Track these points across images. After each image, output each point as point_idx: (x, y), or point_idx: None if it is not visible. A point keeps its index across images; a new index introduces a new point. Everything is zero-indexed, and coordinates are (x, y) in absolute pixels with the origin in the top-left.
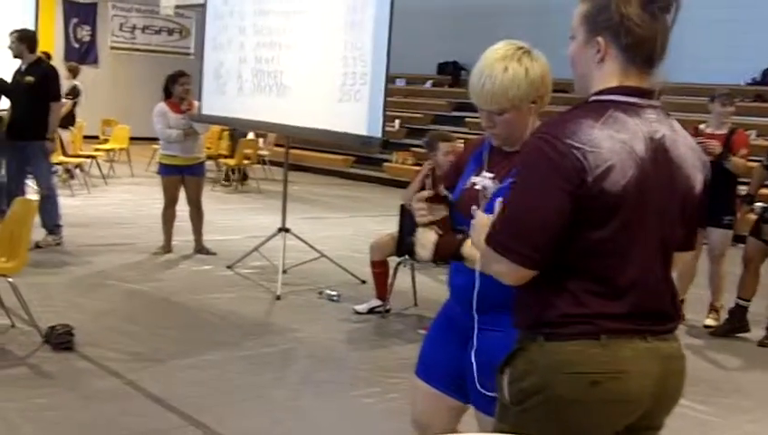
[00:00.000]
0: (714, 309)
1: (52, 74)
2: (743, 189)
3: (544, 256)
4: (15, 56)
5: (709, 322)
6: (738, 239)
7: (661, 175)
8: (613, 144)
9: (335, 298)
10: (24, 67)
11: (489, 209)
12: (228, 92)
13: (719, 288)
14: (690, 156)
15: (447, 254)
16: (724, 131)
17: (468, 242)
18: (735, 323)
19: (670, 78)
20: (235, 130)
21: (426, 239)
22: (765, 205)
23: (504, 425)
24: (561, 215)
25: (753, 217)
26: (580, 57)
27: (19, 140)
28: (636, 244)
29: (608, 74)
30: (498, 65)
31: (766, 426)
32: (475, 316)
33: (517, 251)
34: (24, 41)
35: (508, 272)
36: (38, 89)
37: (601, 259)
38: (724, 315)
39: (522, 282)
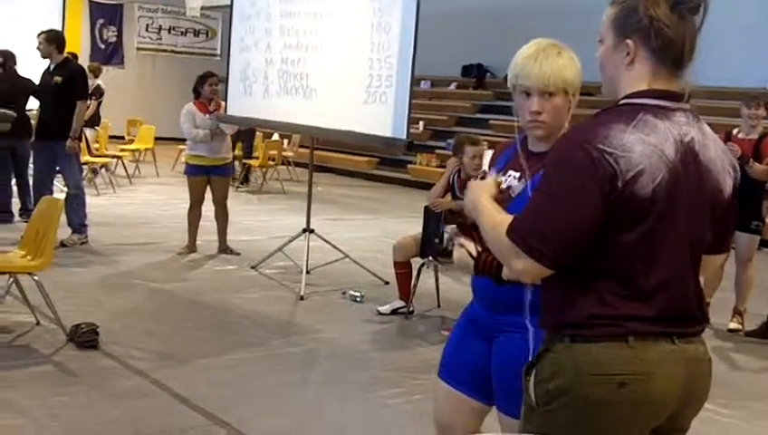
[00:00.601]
0: (737, 313)
1: (81, 74)
2: None
3: (566, 257)
4: (44, 56)
5: (733, 325)
6: (765, 244)
7: (691, 178)
8: (644, 148)
9: (358, 299)
10: (52, 67)
11: (513, 209)
12: (254, 94)
13: (744, 292)
14: (720, 159)
15: (488, 274)
16: (754, 136)
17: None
18: None
19: (698, 81)
20: (241, 128)
21: (464, 257)
22: None
23: (529, 426)
24: (589, 219)
25: None
26: (608, 60)
27: (48, 140)
28: (664, 247)
29: (637, 77)
30: (551, 50)
31: None
32: (528, 316)
33: (539, 249)
34: (53, 41)
35: (528, 270)
36: (66, 89)
37: (629, 262)
38: (747, 319)
39: (537, 280)
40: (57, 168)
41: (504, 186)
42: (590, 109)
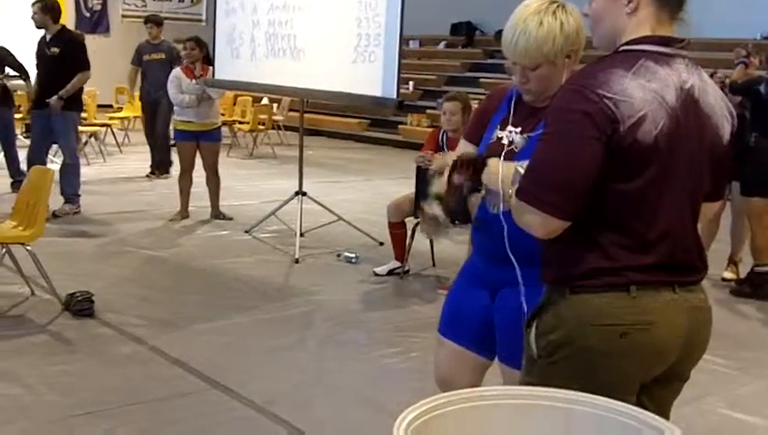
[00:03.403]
0: (732, 262)
1: (78, 43)
2: None
3: (577, 206)
4: (39, 26)
5: (727, 274)
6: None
7: (691, 125)
8: (645, 94)
9: (353, 260)
10: (48, 38)
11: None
12: (242, 57)
13: (740, 242)
14: (719, 106)
15: (469, 163)
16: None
17: (492, 161)
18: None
19: (695, 33)
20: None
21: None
22: None
23: (531, 378)
24: (593, 165)
25: None
26: (608, 11)
27: (45, 110)
28: (666, 195)
29: (641, 23)
30: (532, 19)
31: None
32: (517, 268)
33: (549, 202)
34: (48, 11)
35: (541, 224)
36: (64, 59)
37: (632, 211)
38: (743, 269)
39: (553, 235)
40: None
41: (505, 141)
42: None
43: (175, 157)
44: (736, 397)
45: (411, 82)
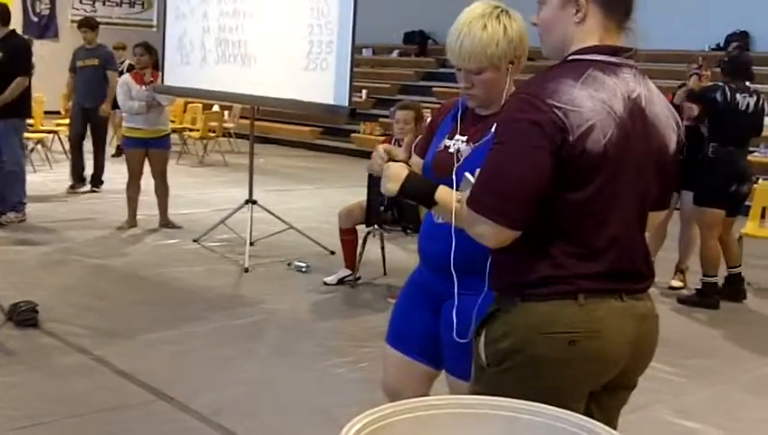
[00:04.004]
0: (679, 270)
1: (24, 48)
2: None
3: (527, 216)
4: None
5: (675, 283)
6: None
7: (638, 134)
8: (594, 103)
9: (304, 269)
10: None
11: (462, 173)
12: (192, 63)
13: (687, 251)
14: (665, 116)
15: (418, 192)
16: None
17: (442, 188)
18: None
19: (642, 45)
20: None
21: (395, 172)
22: None
23: (480, 387)
24: (543, 174)
25: None
26: (556, 20)
27: None
28: (614, 204)
29: (589, 32)
30: (476, 23)
31: (733, 387)
32: (455, 278)
33: (500, 212)
34: None
35: (492, 233)
36: (9, 64)
37: (581, 220)
38: (689, 277)
39: (504, 244)
40: None
41: (452, 150)
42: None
43: (109, 168)
44: (683, 404)
45: (364, 91)
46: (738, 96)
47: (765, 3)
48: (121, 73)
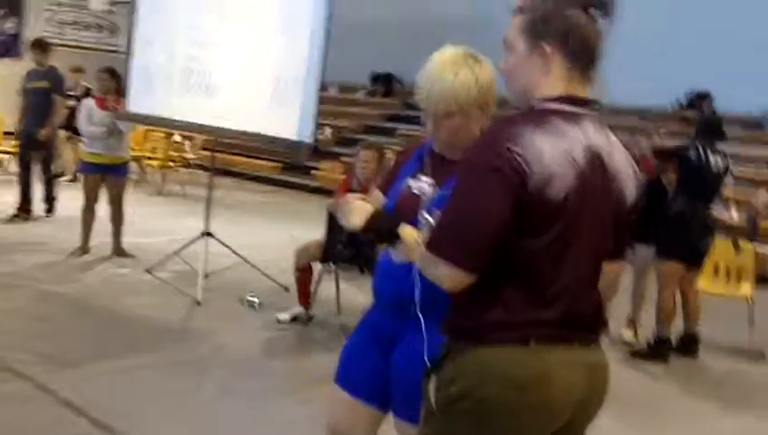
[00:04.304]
0: (632, 323)
1: None
2: None
3: (484, 261)
4: None
5: (626, 335)
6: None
7: (597, 184)
8: (554, 152)
9: (257, 305)
10: None
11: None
12: (156, 91)
13: (640, 303)
14: (625, 167)
15: (383, 227)
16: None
17: (406, 227)
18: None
19: (607, 98)
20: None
21: (360, 207)
22: None
23: (428, 431)
24: (502, 220)
25: None
26: (522, 68)
27: None
28: (570, 252)
29: (554, 82)
30: (449, 69)
31: None
32: (420, 317)
33: (457, 256)
34: None
35: (448, 277)
36: None
37: (536, 267)
38: (641, 329)
39: (459, 287)
40: None
41: (415, 191)
42: None
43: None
44: None
45: (328, 129)
46: (710, 155)
47: (726, 64)
48: (77, 98)
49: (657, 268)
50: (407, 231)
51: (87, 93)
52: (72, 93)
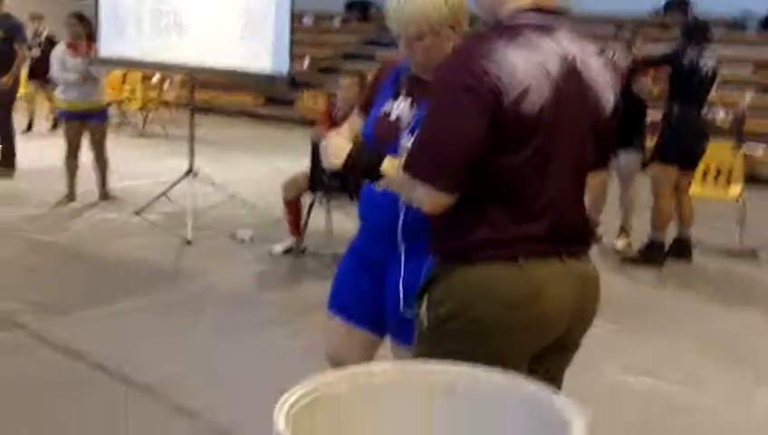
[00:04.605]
0: (624, 231)
1: None
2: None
3: (462, 180)
4: None
5: (619, 244)
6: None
7: (573, 96)
8: (527, 66)
9: (248, 240)
10: None
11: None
12: (127, 34)
13: (629, 211)
14: (602, 76)
15: (364, 166)
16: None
17: (388, 160)
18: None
19: (576, 7)
20: None
21: (338, 146)
22: None
23: (422, 351)
24: (478, 137)
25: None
26: None
27: None
28: (550, 166)
29: None
30: None
31: (676, 343)
32: (402, 245)
33: (435, 177)
34: None
35: (427, 199)
36: None
37: (518, 183)
38: (634, 236)
39: (441, 209)
40: None
41: (393, 117)
42: None
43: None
44: (629, 361)
45: (306, 58)
46: (700, 59)
47: None
48: (40, 45)
49: (653, 174)
50: (387, 164)
51: (50, 41)
52: (34, 42)
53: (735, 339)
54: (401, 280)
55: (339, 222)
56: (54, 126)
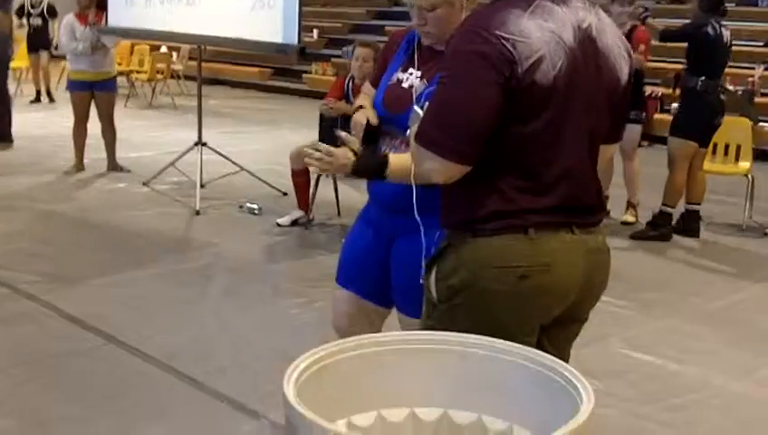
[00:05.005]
0: (631, 205)
1: None
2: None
3: (476, 150)
4: None
5: (627, 218)
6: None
7: (589, 65)
8: (542, 34)
9: (256, 211)
10: None
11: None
12: (136, 3)
13: (634, 184)
14: (617, 46)
15: (369, 170)
16: (624, 31)
17: (392, 160)
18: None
19: None
20: None
21: (340, 164)
22: None
23: (431, 323)
24: (492, 107)
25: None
26: None
27: None
28: (564, 136)
29: None
30: None
31: (684, 319)
32: (418, 218)
33: (449, 146)
34: None
35: (440, 169)
36: None
37: (531, 154)
38: (640, 211)
39: (454, 179)
40: None
41: (405, 85)
42: None
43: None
44: (636, 337)
45: (315, 30)
46: (723, 30)
47: None
48: (41, 15)
49: (672, 148)
50: (393, 165)
51: (51, 10)
52: (34, 11)
53: (742, 315)
54: (425, 247)
55: (346, 195)
56: (40, 98)
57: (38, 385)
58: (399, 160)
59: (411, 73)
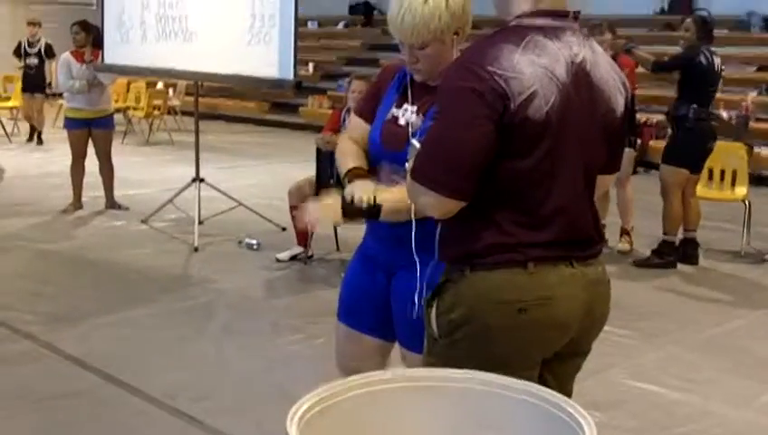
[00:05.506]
0: (625, 232)
1: None
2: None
3: (470, 185)
4: None
5: (622, 246)
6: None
7: (583, 99)
8: (535, 70)
9: (255, 247)
10: None
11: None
12: (132, 41)
13: (628, 211)
14: (611, 78)
15: (360, 212)
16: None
17: (385, 206)
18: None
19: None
20: None
21: (329, 213)
22: None
23: (432, 359)
24: (485, 143)
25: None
26: None
27: None
28: (560, 170)
29: None
30: None
31: (686, 347)
32: (415, 255)
33: (443, 182)
34: None
35: (436, 204)
36: None
37: (526, 188)
38: (635, 238)
39: (449, 214)
40: None
41: (401, 121)
42: None
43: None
44: (638, 367)
45: (311, 64)
46: (714, 58)
47: None
48: (38, 54)
49: (664, 176)
50: (386, 205)
51: (48, 50)
52: (31, 50)
53: (741, 342)
54: (425, 282)
55: (345, 229)
56: (33, 137)
57: (39, 427)
58: (391, 205)
59: (407, 109)
